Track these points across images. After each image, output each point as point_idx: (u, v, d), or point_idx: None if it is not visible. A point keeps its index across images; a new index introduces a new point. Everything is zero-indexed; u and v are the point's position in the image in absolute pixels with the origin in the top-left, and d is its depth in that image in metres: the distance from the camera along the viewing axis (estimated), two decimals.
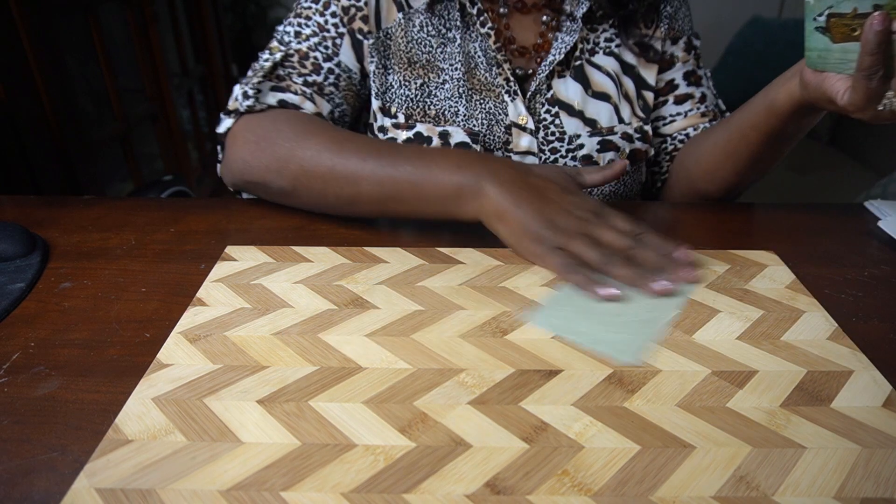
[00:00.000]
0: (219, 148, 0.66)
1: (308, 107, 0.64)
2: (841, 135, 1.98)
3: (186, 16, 2.24)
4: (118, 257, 0.56)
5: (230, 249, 0.56)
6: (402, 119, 0.69)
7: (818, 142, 2.02)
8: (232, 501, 0.32)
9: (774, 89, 0.60)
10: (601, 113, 0.70)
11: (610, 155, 0.70)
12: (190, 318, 0.47)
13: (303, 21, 0.68)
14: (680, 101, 0.75)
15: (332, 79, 0.67)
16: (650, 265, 0.51)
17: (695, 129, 0.73)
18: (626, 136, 0.70)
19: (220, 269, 0.53)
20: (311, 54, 0.67)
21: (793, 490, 0.33)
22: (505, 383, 0.41)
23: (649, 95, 0.73)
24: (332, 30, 0.68)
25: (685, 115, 0.74)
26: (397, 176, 0.54)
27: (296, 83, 0.65)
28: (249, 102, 0.63)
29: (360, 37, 0.68)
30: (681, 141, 0.75)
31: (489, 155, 0.56)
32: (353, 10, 0.68)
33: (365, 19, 0.68)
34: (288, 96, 0.64)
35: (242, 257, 0.55)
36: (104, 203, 0.68)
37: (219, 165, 0.67)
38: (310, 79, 0.66)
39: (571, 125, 0.69)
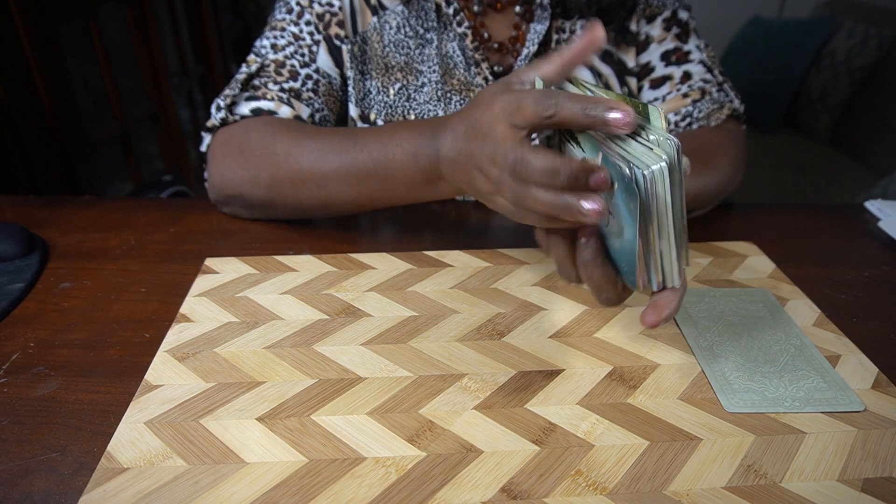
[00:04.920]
0: (204, 166, 0.65)
1: (284, 111, 0.63)
2: (841, 135, 1.99)
3: (186, 16, 2.20)
4: (118, 257, 0.56)
5: (210, 262, 0.54)
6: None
7: (818, 142, 2.03)
8: None
9: None
10: None
11: None
12: (175, 335, 0.45)
13: (278, 33, 0.67)
14: (656, 84, 0.71)
15: (310, 84, 0.66)
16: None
17: (675, 115, 0.70)
18: None
19: (201, 283, 0.51)
20: (288, 62, 0.66)
21: (799, 475, 0.34)
22: (508, 386, 0.41)
23: (632, 81, 0.72)
24: (308, 38, 0.67)
25: (663, 100, 0.71)
26: (361, 172, 0.51)
27: (271, 90, 0.64)
28: (222, 115, 0.62)
29: (337, 42, 0.67)
30: None
31: (439, 122, 0.48)
32: (328, 17, 0.67)
33: (341, 24, 0.67)
34: (262, 103, 0.62)
35: (224, 269, 0.53)
36: (104, 203, 0.67)
37: (206, 183, 0.65)
38: (286, 85, 0.64)
39: None
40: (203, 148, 0.64)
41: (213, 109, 0.63)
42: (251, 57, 0.67)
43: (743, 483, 0.34)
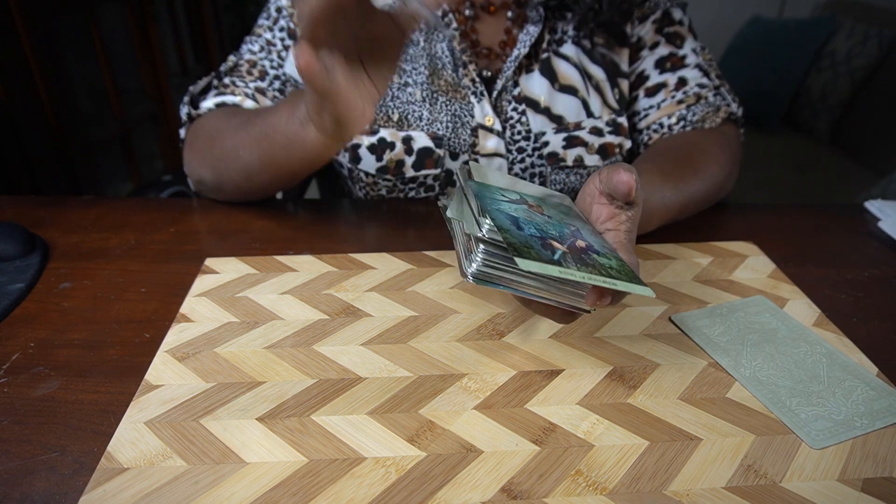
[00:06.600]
0: None
1: (248, 104, 0.65)
2: (841, 135, 1.99)
3: (186, 16, 2.21)
4: (118, 257, 0.56)
5: (210, 262, 0.54)
6: None
7: (818, 142, 2.03)
8: None
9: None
10: (568, 108, 0.69)
11: (577, 151, 0.69)
12: (175, 335, 0.45)
13: (255, 38, 0.71)
14: (651, 93, 0.71)
15: (277, 84, 0.69)
16: None
17: (669, 118, 0.70)
18: (595, 131, 0.70)
19: (201, 283, 0.51)
20: (259, 63, 0.69)
21: (799, 475, 0.34)
22: (508, 386, 0.41)
23: (625, 83, 0.72)
24: (279, 43, 0.70)
25: (658, 107, 0.71)
26: (259, 134, 0.55)
27: (239, 87, 0.67)
28: (186, 109, 0.66)
29: None
30: (654, 131, 0.71)
31: None
32: None
33: None
34: (227, 97, 0.65)
35: (224, 269, 0.53)
36: (104, 203, 0.67)
37: None
38: (253, 84, 0.68)
39: (537, 122, 0.69)
40: (181, 143, 0.69)
41: (181, 104, 0.67)
42: (230, 57, 0.71)
43: (743, 483, 0.34)
